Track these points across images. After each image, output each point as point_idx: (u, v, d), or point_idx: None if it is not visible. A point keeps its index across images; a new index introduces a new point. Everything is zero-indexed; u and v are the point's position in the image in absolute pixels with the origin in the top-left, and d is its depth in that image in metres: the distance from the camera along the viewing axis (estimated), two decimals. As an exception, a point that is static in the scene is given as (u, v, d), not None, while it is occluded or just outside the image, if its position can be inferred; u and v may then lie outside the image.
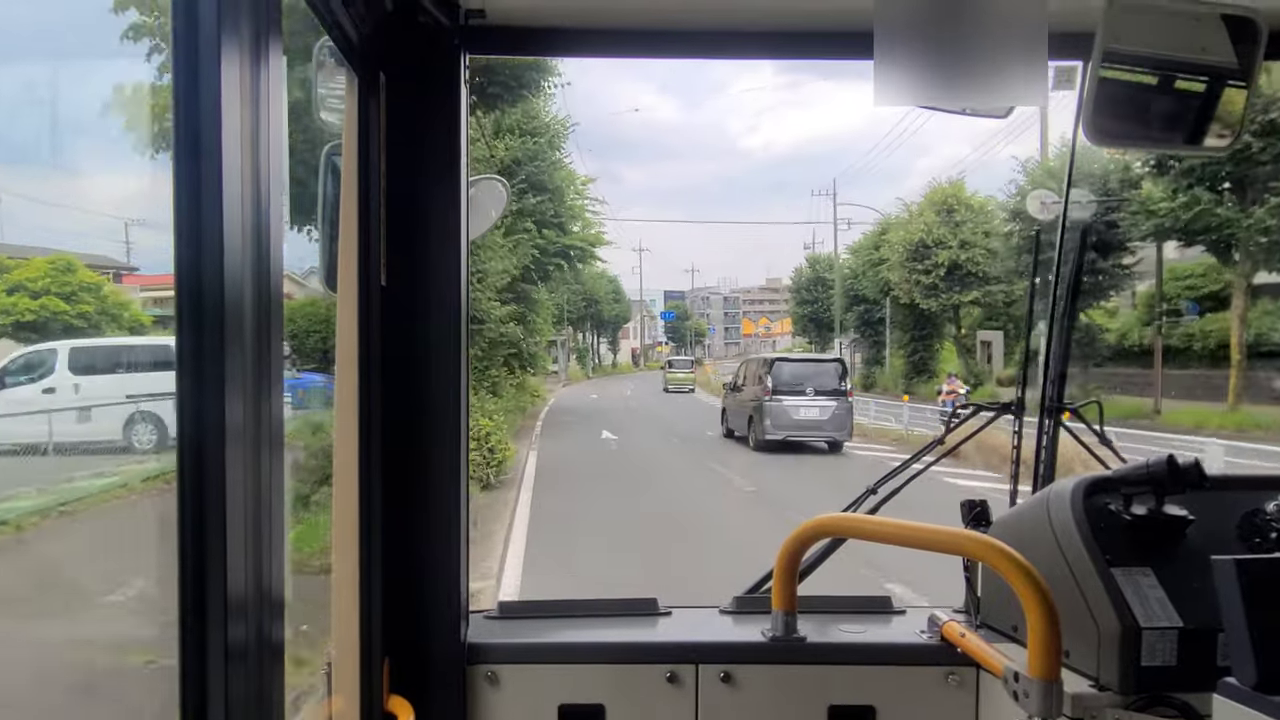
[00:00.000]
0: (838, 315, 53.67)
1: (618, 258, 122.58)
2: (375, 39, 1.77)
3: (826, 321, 60.93)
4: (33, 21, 9.18)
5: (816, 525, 2.07)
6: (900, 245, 40.63)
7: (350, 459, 1.79)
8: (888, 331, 46.15)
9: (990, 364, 40.35)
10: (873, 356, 50.42)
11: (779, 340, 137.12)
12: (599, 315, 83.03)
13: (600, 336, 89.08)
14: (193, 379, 0.99)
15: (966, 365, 40.52)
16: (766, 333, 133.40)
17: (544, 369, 33.95)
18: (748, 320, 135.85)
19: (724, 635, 2.24)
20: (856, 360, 52.02)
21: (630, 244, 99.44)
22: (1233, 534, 1.87)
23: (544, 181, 28.03)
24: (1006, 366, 37.43)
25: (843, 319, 52.93)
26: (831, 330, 59.28)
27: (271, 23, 1.10)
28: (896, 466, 2.56)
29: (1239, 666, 1.37)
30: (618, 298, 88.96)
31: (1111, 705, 1.72)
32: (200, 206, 0.99)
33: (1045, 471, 2.49)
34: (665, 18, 2.06)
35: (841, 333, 53.95)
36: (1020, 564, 1.62)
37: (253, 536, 1.05)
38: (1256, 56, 1.77)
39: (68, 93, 14.81)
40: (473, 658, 2.08)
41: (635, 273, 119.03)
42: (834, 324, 55.95)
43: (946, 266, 38.78)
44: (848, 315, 52.15)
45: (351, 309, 1.78)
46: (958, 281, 38.98)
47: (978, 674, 2.07)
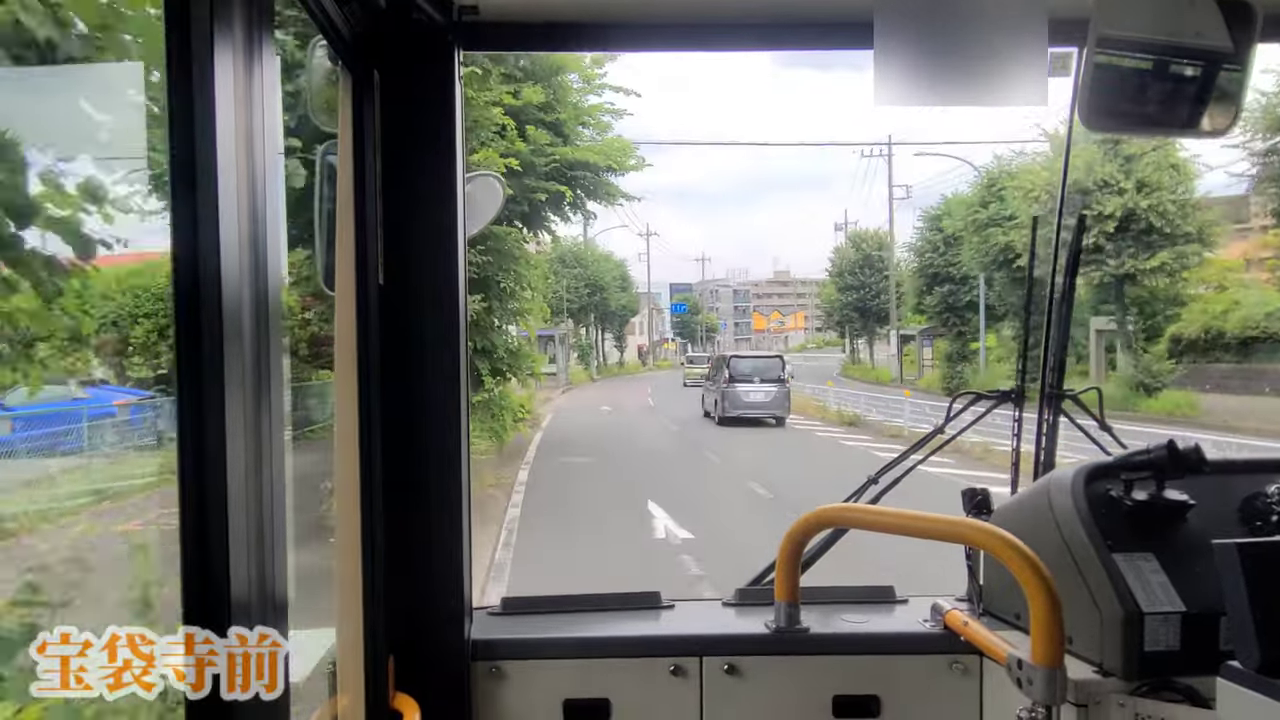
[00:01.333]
0: (894, 302, 45.20)
1: (621, 245, 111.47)
2: (369, 37, 1.76)
3: (876, 310, 53.44)
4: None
5: (818, 516, 2.07)
6: (1044, 191, 27.33)
7: (351, 457, 1.79)
8: (982, 318, 35.85)
9: (1105, 367, 30.85)
10: (957, 351, 38.99)
11: (791, 336, 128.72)
12: (604, 305, 68.25)
13: (605, 331, 74.55)
14: (191, 382, 0.99)
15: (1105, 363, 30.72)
16: (780, 327, 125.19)
17: (536, 371, 20.34)
18: (758, 314, 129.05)
19: (727, 627, 2.24)
20: (927, 355, 44.71)
21: (636, 228, 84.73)
22: (1234, 518, 1.87)
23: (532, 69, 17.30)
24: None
25: (918, 303, 42.17)
26: (882, 321, 51.47)
27: (264, 22, 1.10)
28: (896, 456, 2.56)
29: (1242, 650, 1.37)
30: (625, 285, 74.56)
31: (1115, 690, 1.72)
32: (195, 208, 0.98)
33: (1045, 459, 2.49)
34: (659, 11, 2.06)
35: (899, 323, 45.69)
36: (1022, 551, 1.62)
37: (255, 539, 1.05)
38: (1252, 40, 1.77)
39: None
40: (477, 654, 2.08)
41: (641, 260, 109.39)
42: (887, 312, 48.52)
43: (1118, 219, 26.83)
44: (926, 298, 41.04)
45: (349, 308, 1.78)
46: (1134, 240, 27.06)
47: (981, 662, 2.07)
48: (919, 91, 1.79)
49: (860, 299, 55.14)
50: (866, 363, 59.86)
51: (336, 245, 1.78)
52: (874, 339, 57.82)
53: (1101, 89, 1.78)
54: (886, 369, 50.23)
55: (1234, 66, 1.79)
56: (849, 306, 56.90)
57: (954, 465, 11.47)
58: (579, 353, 64.70)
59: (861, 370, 56.24)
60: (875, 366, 56.04)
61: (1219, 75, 1.80)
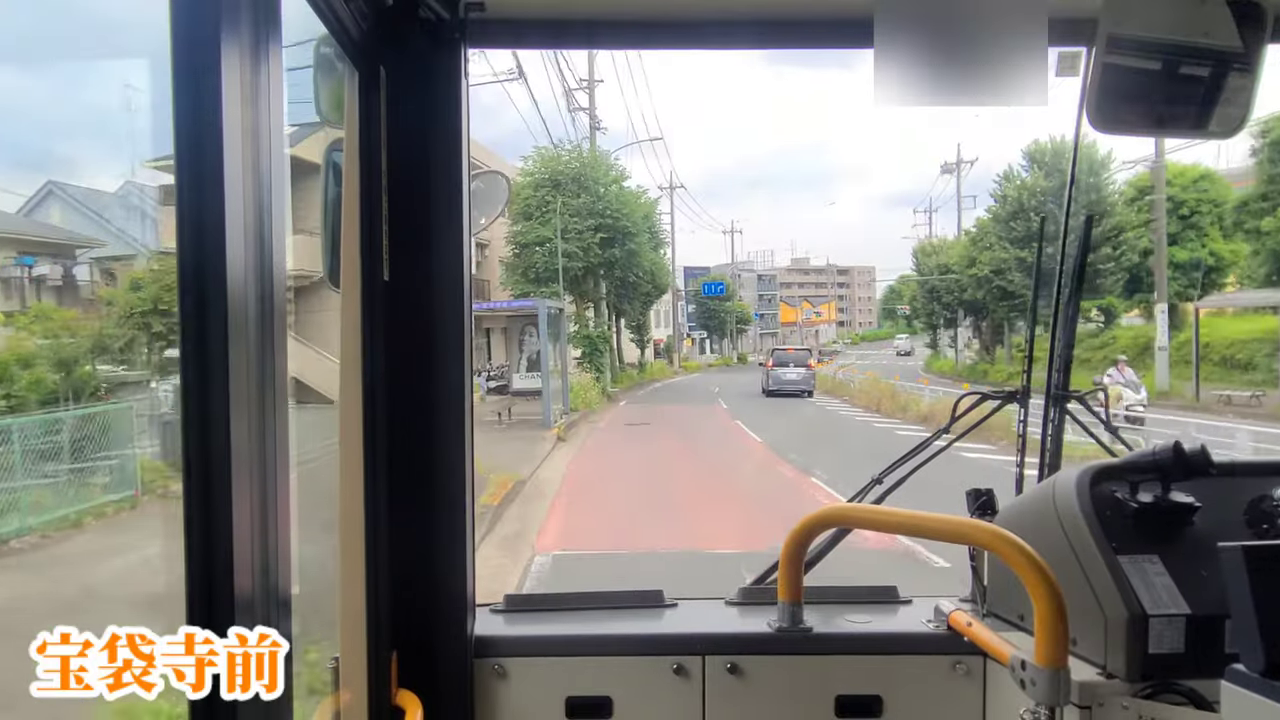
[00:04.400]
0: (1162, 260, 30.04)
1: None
2: (376, 34, 1.76)
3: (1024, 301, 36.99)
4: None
5: (822, 516, 2.07)
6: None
7: (355, 454, 1.79)
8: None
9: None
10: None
11: (822, 330, 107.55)
12: (627, 267, 39.80)
13: (620, 316, 45.23)
14: (197, 379, 0.99)
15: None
16: (818, 318, 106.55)
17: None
18: (786, 305, 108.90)
19: (730, 627, 2.24)
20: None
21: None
22: (1240, 520, 1.86)
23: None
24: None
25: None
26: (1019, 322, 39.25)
27: (272, 19, 1.10)
28: (900, 457, 2.56)
29: (1247, 653, 1.36)
30: (655, 239, 45.26)
31: (1119, 693, 1.72)
32: (202, 205, 0.99)
33: (1051, 459, 2.48)
34: (664, 9, 2.05)
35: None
36: (1026, 552, 1.61)
37: (259, 536, 1.06)
38: (1261, 41, 1.76)
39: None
40: (480, 651, 2.09)
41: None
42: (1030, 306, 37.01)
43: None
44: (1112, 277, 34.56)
45: (355, 305, 1.78)
46: None
47: (984, 663, 2.07)
48: (919, 91, 1.79)
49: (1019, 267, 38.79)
50: (948, 356, 53.94)
51: (342, 242, 1.78)
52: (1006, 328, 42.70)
53: (1110, 90, 1.77)
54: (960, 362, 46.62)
55: (1244, 67, 1.78)
56: (987, 283, 40.85)
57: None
58: (585, 348, 37.02)
59: (945, 365, 50.73)
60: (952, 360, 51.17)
61: (1229, 76, 1.79)
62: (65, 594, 7.64)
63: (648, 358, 54.38)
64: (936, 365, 53.20)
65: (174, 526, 1.02)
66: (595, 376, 35.85)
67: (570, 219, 36.38)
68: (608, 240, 38.16)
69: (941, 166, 53.60)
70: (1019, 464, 2.55)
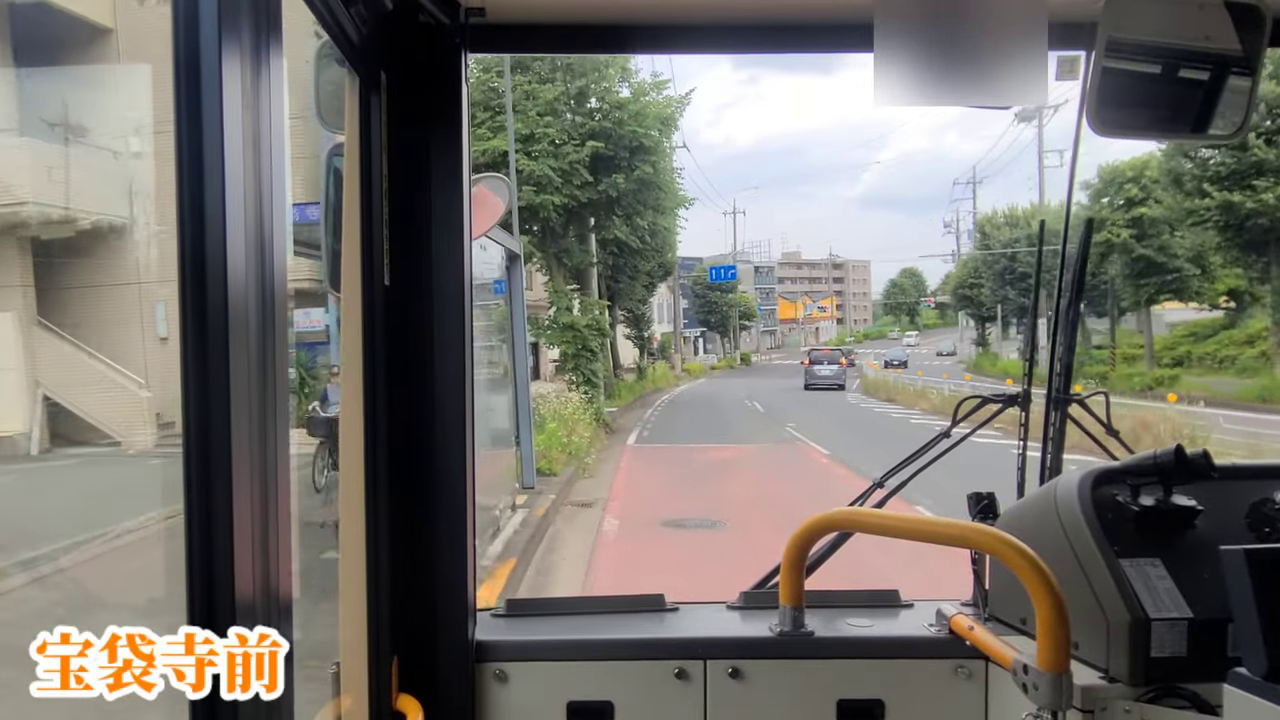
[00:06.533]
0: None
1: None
2: (376, 38, 1.77)
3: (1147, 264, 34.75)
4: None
5: (823, 520, 2.07)
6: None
7: (356, 458, 1.79)
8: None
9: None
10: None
11: (822, 327, 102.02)
12: (633, 208, 25.92)
13: (617, 301, 33.34)
14: (197, 382, 0.99)
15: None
16: (820, 313, 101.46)
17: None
18: (784, 300, 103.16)
19: (731, 631, 2.23)
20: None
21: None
22: (1242, 524, 1.86)
23: None
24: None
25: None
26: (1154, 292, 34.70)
27: (272, 23, 1.10)
28: (901, 461, 2.55)
29: (1249, 656, 1.36)
30: (664, 191, 27.69)
31: (1121, 697, 1.71)
32: (203, 209, 0.99)
33: (1052, 463, 2.48)
34: (663, 13, 2.06)
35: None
36: (1028, 556, 1.61)
37: (259, 536, 1.06)
38: (1261, 44, 1.76)
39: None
40: (481, 655, 2.08)
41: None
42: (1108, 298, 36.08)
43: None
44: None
45: (355, 309, 1.79)
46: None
47: (986, 667, 2.06)
48: (919, 92, 1.79)
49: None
50: (1010, 356, 49.73)
51: (343, 247, 1.79)
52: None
53: (1110, 93, 1.77)
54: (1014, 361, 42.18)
55: (1243, 70, 1.79)
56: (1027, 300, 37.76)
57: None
58: (568, 346, 24.30)
59: (1008, 366, 45.56)
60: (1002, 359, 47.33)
61: (1228, 79, 1.79)
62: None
63: (647, 359, 42.56)
64: (995, 367, 47.04)
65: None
66: (585, 394, 22.96)
67: (541, 118, 22.27)
68: (606, 161, 23.22)
69: (1017, 115, 41.71)
70: (1020, 468, 2.55)
